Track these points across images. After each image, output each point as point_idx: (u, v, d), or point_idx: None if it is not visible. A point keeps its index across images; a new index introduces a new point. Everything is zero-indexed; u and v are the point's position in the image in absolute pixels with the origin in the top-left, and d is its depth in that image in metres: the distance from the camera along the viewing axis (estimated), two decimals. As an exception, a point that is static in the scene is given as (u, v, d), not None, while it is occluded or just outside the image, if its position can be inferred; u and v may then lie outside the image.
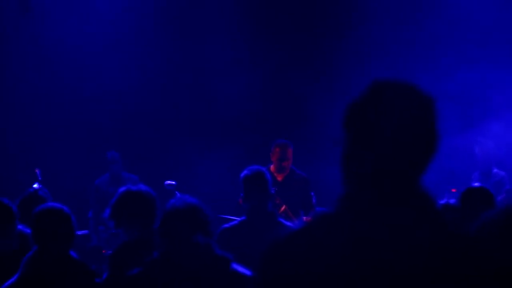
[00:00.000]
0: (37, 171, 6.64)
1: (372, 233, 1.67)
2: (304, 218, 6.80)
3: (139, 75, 9.77)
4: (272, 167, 7.01)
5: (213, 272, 3.14)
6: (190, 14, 9.90)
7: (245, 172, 4.93)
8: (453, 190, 7.89)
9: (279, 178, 6.99)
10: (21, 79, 9.75)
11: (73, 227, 3.86)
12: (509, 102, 8.74)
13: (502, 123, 8.58)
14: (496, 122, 8.60)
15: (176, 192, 6.96)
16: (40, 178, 6.47)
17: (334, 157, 1.84)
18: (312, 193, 6.96)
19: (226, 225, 4.93)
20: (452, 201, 5.16)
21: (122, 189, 4.25)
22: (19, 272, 3.68)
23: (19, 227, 4.18)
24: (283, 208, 6.63)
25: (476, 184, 5.19)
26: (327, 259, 1.66)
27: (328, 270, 1.65)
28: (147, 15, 9.89)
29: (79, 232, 7.01)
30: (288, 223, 4.90)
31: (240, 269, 3.24)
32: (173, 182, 7.22)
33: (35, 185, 5.88)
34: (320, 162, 8.32)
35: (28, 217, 4.43)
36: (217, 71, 9.70)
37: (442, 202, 5.01)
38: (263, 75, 9.59)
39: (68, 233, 3.82)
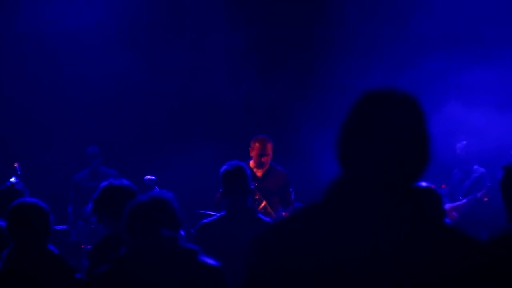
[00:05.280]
0: (16, 165, 6.62)
1: (359, 224, 1.70)
2: (283, 213, 6.81)
3: (119, 71, 9.73)
4: (251, 163, 6.95)
5: (179, 265, 3.13)
6: (184, 12, 9.93)
7: (224, 167, 4.92)
8: (443, 186, 7.98)
9: (259, 174, 6.94)
10: (1, 73, 9.70)
11: (49, 221, 3.83)
12: (470, 86, 8.83)
13: (462, 107, 8.70)
14: (457, 107, 8.73)
15: (156, 187, 6.97)
16: (19, 172, 6.46)
17: (311, 155, 1.89)
18: (291, 189, 6.98)
19: (205, 220, 4.91)
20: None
21: (104, 183, 4.24)
22: None
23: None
24: (263, 204, 6.62)
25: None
26: (315, 249, 1.69)
27: (315, 261, 1.68)
28: (142, 11, 9.89)
29: (59, 227, 7.01)
30: (267, 219, 4.92)
31: (208, 260, 3.20)
32: (153, 177, 7.22)
33: (13, 179, 5.87)
34: (296, 160, 8.37)
35: (4, 210, 4.42)
36: (200, 69, 9.74)
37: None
38: (245, 75, 9.63)
39: (44, 227, 3.79)
